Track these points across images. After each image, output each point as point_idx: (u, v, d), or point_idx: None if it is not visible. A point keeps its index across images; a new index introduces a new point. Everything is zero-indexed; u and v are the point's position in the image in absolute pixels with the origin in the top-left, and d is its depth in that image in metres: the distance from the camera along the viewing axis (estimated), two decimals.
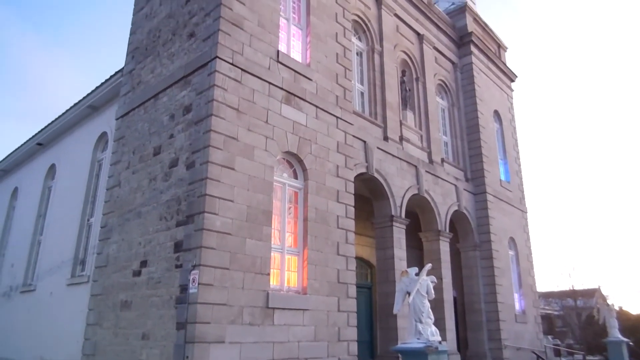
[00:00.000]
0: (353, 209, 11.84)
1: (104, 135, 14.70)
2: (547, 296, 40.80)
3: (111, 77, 13.93)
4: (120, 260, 10.61)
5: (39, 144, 18.49)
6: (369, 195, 14.57)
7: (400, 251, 13.96)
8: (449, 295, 15.70)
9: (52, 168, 17.63)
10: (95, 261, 11.57)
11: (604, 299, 35.13)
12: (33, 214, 17.60)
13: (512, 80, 23.75)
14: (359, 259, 13.77)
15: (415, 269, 9.75)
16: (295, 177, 10.90)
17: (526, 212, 21.61)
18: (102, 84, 14.34)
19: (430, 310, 9.47)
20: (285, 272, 10.14)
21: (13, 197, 20.50)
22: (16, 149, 19.99)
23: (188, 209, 9.04)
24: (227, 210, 8.97)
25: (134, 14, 13.34)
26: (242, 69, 9.93)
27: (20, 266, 17.12)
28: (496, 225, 18.49)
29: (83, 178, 14.79)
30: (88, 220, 14.23)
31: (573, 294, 35.71)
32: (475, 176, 18.74)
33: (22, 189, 19.89)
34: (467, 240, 18.10)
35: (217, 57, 9.53)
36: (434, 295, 9.73)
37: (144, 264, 9.86)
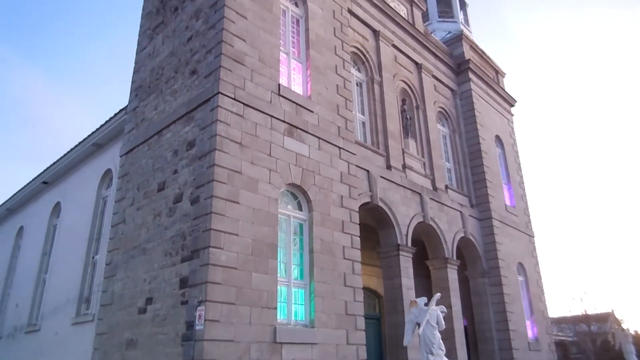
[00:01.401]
0: (359, 239, 11.77)
1: (108, 172, 14.80)
2: (560, 322, 39.99)
3: (115, 115, 14.12)
4: (126, 298, 10.51)
5: (45, 183, 18.62)
6: (374, 224, 14.51)
7: (407, 280, 13.79)
8: (459, 324, 15.41)
9: (57, 206, 17.70)
10: (100, 299, 11.47)
11: (618, 323, 34.40)
12: (38, 252, 17.56)
13: (512, 105, 23.93)
14: (366, 290, 13.60)
15: (424, 299, 9.62)
16: (300, 209, 10.89)
17: (533, 237, 21.41)
18: (107, 122, 14.53)
19: (441, 341, 9.30)
20: (292, 306, 10.01)
21: (18, 236, 20.52)
22: (22, 188, 20.13)
23: (193, 244, 9.01)
24: (232, 244, 8.93)
25: (137, 53, 13.62)
26: (244, 104, 10.07)
27: (25, 306, 16.97)
28: (504, 250, 18.30)
29: (88, 215, 14.81)
30: (93, 257, 14.18)
31: (586, 319, 35.02)
32: (480, 202, 18.67)
33: (27, 227, 19.92)
34: (475, 267, 17.88)
35: (219, 92, 9.67)
36: (444, 326, 9.57)
37: (149, 301, 9.76)
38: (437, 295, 9.84)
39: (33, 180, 19.15)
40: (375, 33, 16.37)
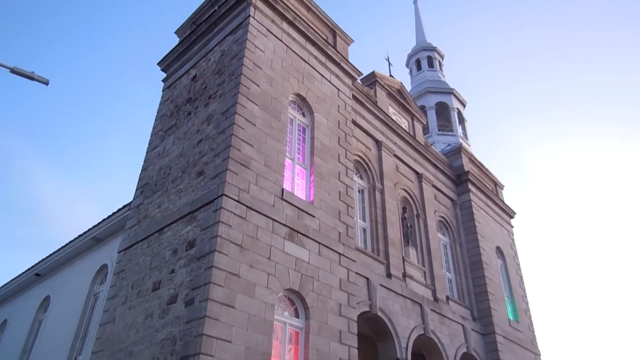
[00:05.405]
0: (356, 351, 11.21)
1: (104, 267, 14.58)
2: None
3: (118, 210, 14.24)
4: None
5: (37, 275, 18.24)
6: (372, 335, 13.91)
7: None
8: None
9: (47, 300, 17.17)
10: None
11: None
12: (18, 350, 16.69)
13: (512, 217, 24.14)
14: None
15: None
16: (297, 316, 10.52)
17: (539, 355, 20.40)
18: (109, 216, 14.61)
19: None
20: None
21: (0, 330, 19.64)
22: (12, 280, 19.68)
23: (183, 349, 8.58)
24: (224, 352, 8.50)
25: (147, 152, 14.07)
26: (247, 206, 10.18)
27: None
28: None
29: (76, 312, 14.32)
30: (75, 358, 13.44)
31: None
32: (482, 315, 18.07)
33: (11, 321, 19.14)
34: None
35: (223, 194, 9.83)
36: None
37: None
38: None
39: (26, 271, 18.80)
40: (378, 143, 17.03)
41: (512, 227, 23.98)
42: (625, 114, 71.18)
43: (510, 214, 24.03)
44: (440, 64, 29.52)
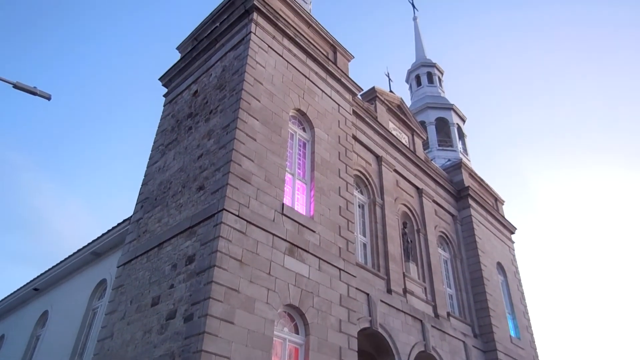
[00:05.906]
0: None
1: (103, 282, 14.50)
2: None
3: (118, 224, 14.22)
4: None
5: (36, 290, 18.14)
6: (372, 352, 13.78)
7: None
8: None
9: (45, 315, 17.04)
10: None
11: None
12: None
13: (512, 233, 24.06)
14: None
15: None
16: (296, 332, 10.44)
17: None
18: (109, 231, 14.59)
19: None
20: None
21: None
22: (10, 294, 19.56)
23: None
24: None
25: (148, 166, 14.10)
26: (247, 221, 10.17)
27: None
28: None
29: (75, 327, 14.20)
30: None
31: None
32: (483, 332, 17.91)
33: (8, 337, 18.98)
34: None
35: (224, 209, 9.82)
36: None
37: None
38: None
39: (24, 286, 18.69)
40: (378, 158, 17.07)
41: (513, 242, 23.89)
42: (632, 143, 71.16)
43: (511, 229, 23.95)
44: (440, 79, 29.70)
